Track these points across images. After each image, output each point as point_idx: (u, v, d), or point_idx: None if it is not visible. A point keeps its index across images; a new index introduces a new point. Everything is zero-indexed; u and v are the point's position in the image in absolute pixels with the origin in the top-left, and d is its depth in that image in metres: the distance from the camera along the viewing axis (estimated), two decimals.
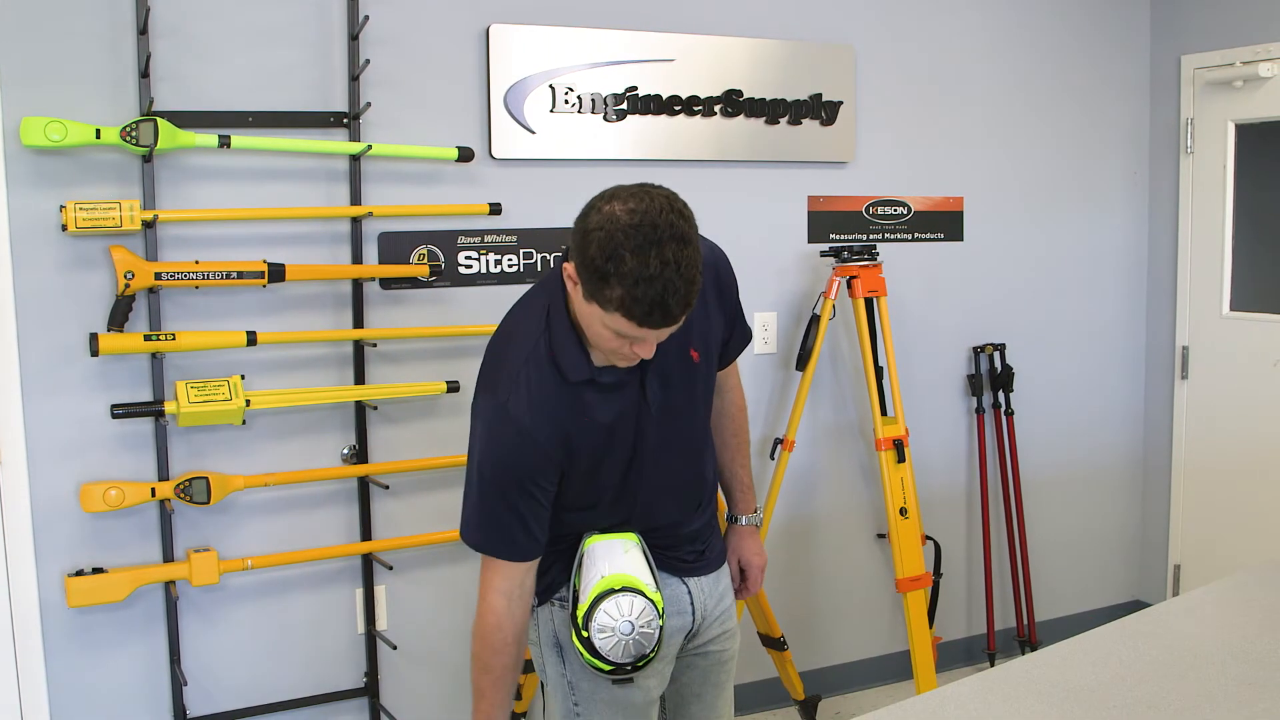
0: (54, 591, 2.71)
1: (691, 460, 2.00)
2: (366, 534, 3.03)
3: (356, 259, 2.94)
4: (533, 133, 3.12)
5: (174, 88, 2.73)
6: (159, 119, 2.60)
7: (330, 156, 2.90)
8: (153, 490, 2.69)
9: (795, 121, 3.46)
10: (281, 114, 2.84)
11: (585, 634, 1.80)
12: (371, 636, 3.06)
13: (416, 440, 3.06)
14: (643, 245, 1.56)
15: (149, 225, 2.66)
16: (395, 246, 3.00)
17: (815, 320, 3.40)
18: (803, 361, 3.42)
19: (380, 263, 2.98)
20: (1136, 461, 4.27)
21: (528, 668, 3.04)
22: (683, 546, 2.01)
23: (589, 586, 1.82)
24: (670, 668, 1.99)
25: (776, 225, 3.52)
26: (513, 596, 1.85)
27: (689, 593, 2.00)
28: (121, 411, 2.65)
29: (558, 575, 1.96)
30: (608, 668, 1.81)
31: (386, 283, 3.01)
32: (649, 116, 3.24)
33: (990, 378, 3.90)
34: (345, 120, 2.90)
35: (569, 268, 1.69)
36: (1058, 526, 4.12)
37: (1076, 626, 2.24)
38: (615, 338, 1.67)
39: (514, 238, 3.13)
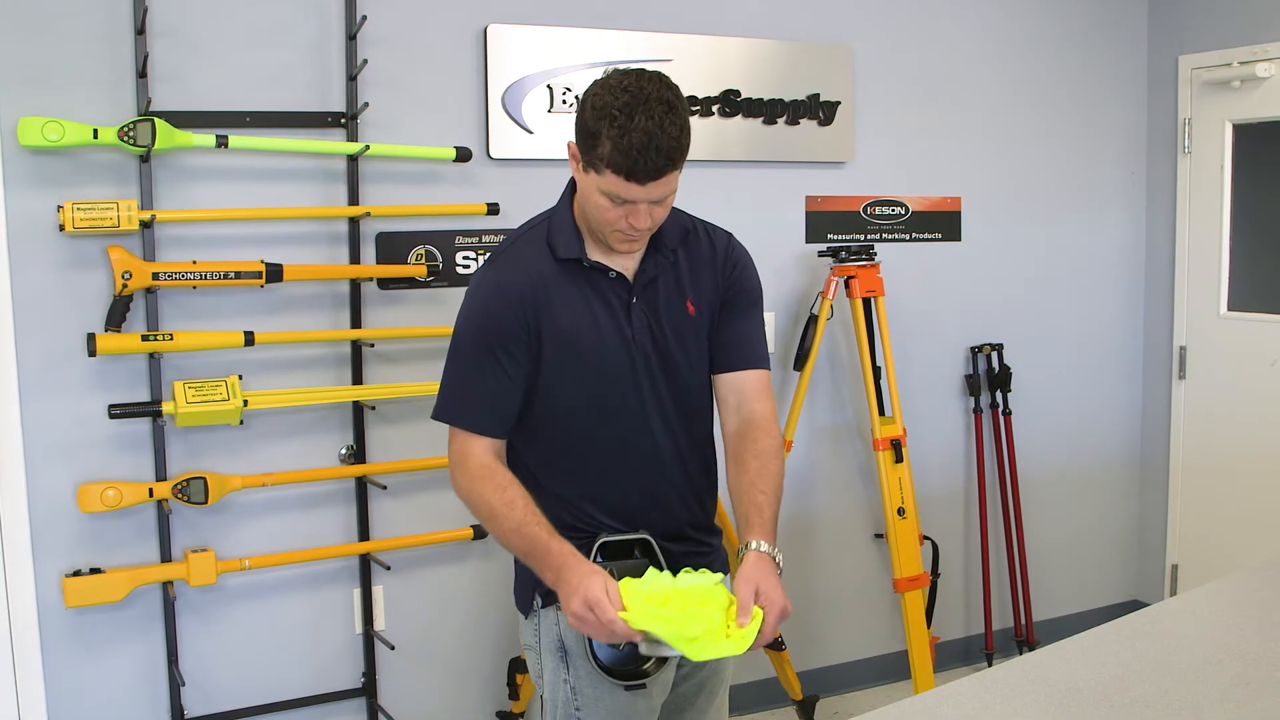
0: (51, 592, 2.71)
1: (693, 419, 1.97)
2: (364, 534, 3.02)
3: (354, 259, 2.93)
4: (530, 133, 3.12)
5: (171, 88, 2.73)
6: (156, 119, 2.60)
7: (328, 156, 2.90)
8: (150, 490, 2.69)
9: (793, 121, 3.46)
10: (279, 114, 2.84)
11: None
12: (369, 636, 3.06)
13: (414, 440, 3.05)
14: (630, 104, 1.69)
15: (146, 225, 2.66)
16: (393, 246, 3.00)
17: (813, 320, 3.40)
18: (800, 361, 3.42)
19: (378, 263, 2.98)
20: (1134, 461, 4.28)
21: (525, 668, 3.04)
22: (688, 541, 1.98)
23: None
24: (673, 674, 1.97)
25: (774, 225, 3.52)
26: (484, 466, 1.85)
27: None
28: (119, 412, 2.65)
29: None
30: (621, 671, 1.80)
31: (384, 283, 3.01)
32: None
33: (988, 378, 3.90)
34: (343, 120, 2.90)
35: (571, 145, 1.81)
36: (1055, 526, 4.12)
37: (1074, 626, 2.24)
38: (611, 205, 1.77)
39: None
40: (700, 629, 1.66)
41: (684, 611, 1.69)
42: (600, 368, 1.87)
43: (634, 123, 1.68)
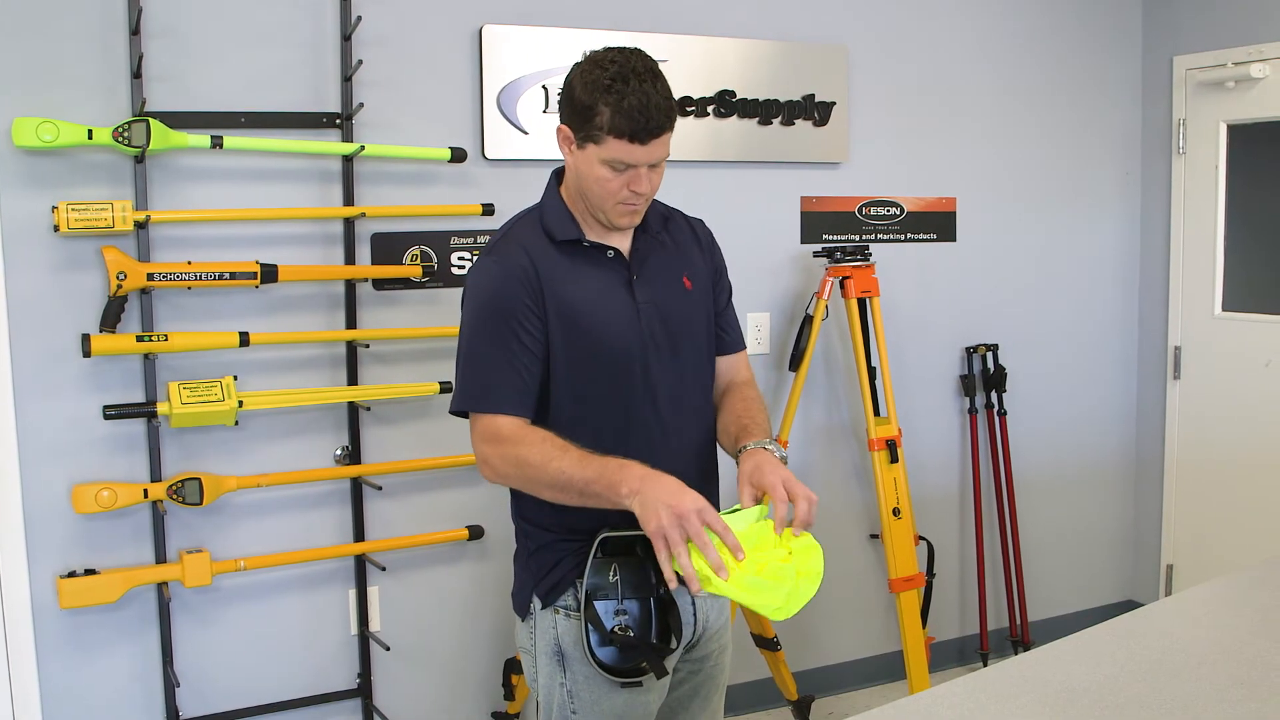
0: (46, 593, 2.71)
1: (697, 391, 1.99)
2: (360, 535, 3.02)
3: (349, 260, 2.93)
4: (525, 133, 3.12)
5: (166, 88, 2.72)
6: (151, 119, 2.60)
7: (323, 157, 2.90)
8: (145, 491, 2.68)
9: (788, 122, 3.46)
10: (274, 114, 2.84)
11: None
12: (364, 637, 3.06)
13: (409, 441, 3.05)
14: (620, 73, 1.78)
15: (141, 226, 2.65)
16: (388, 247, 3.00)
17: (808, 321, 3.41)
18: (796, 362, 3.42)
19: (373, 263, 2.98)
20: (1129, 461, 4.28)
21: (520, 668, 3.04)
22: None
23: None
24: (669, 680, 1.97)
25: (769, 226, 3.53)
26: (517, 428, 1.84)
27: (693, 602, 1.98)
28: (114, 412, 2.64)
29: (566, 573, 1.90)
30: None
31: (379, 283, 3.01)
32: None
33: (983, 378, 3.90)
34: (338, 121, 2.89)
35: (563, 129, 1.85)
36: (1051, 526, 4.12)
37: (1069, 626, 2.25)
38: (613, 175, 1.82)
39: None
40: (783, 595, 1.71)
41: (758, 565, 1.72)
42: (607, 343, 1.88)
43: (629, 87, 1.76)
